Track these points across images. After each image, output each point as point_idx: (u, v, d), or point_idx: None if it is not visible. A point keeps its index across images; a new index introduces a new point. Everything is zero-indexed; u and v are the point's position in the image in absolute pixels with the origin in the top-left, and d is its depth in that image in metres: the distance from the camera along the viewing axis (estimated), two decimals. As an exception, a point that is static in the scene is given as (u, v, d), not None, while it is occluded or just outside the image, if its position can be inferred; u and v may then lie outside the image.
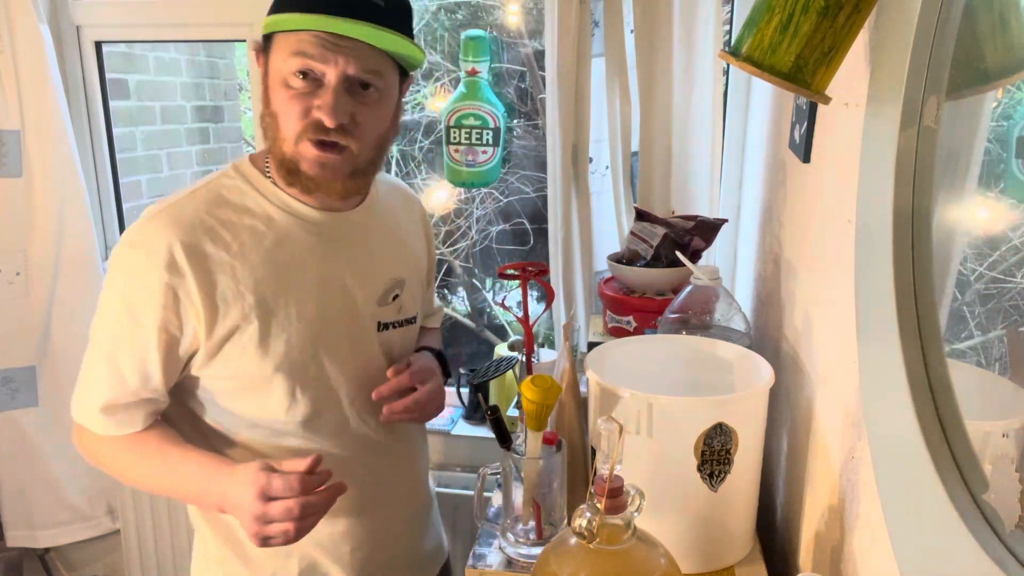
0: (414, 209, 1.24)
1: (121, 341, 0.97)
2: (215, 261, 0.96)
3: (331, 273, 1.04)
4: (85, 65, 2.10)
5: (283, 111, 0.94)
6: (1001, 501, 0.48)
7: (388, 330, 1.12)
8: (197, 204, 0.98)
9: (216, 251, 0.96)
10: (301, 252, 1.02)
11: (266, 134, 0.99)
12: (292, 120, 0.94)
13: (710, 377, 1.10)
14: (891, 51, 0.63)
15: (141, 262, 0.94)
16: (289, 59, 0.92)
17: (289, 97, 0.93)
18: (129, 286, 0.96)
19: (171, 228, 0.95)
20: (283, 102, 0.94)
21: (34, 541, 2.14)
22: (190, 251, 0.94)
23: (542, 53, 1.74)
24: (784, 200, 1.27)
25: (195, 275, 0.94)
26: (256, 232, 0.99)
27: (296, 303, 1.01)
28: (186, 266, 0.94)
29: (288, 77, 0.93)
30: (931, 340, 0.58)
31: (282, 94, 0.94)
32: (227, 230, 0.98)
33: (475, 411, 2.11)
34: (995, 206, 0.56)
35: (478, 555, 1.05)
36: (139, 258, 0.95)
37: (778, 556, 1.14)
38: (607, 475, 0.75)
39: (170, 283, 0.94)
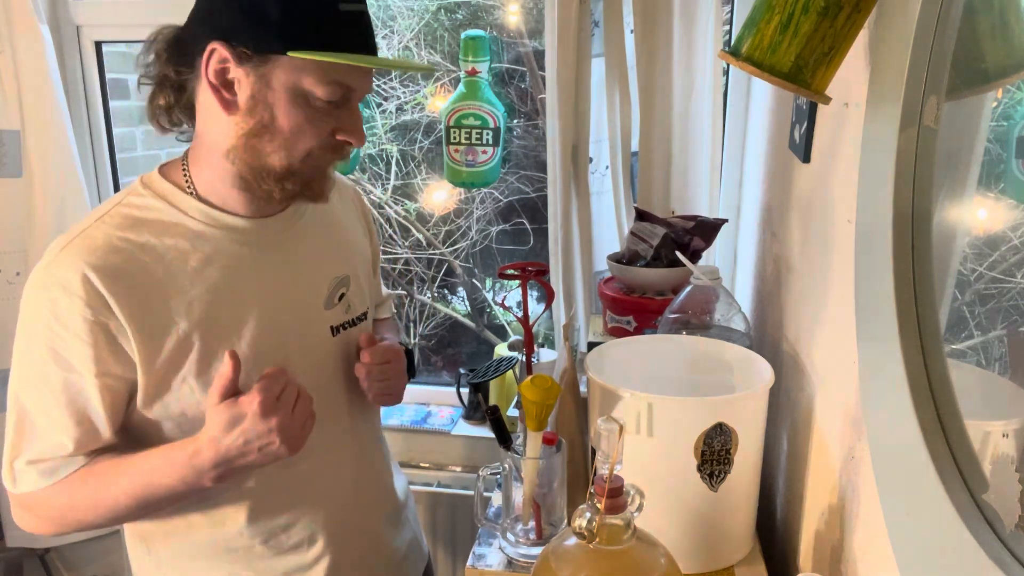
0: (347, 197, 1.15)
1: (55, 394, 0.87)
2: (140, 288, 0.87)
3: (271, 283, 0.97)
4: (85, 65, 2.10)
5: (298, 129, 0.88)
6: (1001, 501, 0.48)
7: (341, 333, 1.05)
8: (108, 229, 0.89)
9: (139, 277, 0.87)
10: (235, 266, 0.94)
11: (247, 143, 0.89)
12: (308, 137, 0.89)
13: (710, 377, 1.10)
14: (891, 51, 0.63)
15: (59, 303, 0.85)
16: (321, 84, 0.87)
17: (310, 117, 0.88)
18: (52, 332, 0.85)
19: (83, 259, 0.85)
20: (299, 122, 0.88)
21: (34, 541, 2.14)
22: (112, 281, 0.85)
23: (542, 53, 1.74)
24: (784, 200, 1.27)
25: (121, 306, 0.85)
26: (180, 251, 0.91)
27: (238, 322, 0.93)
28: (109, 297, 0.85)
29: (312, 97, 0.88)
30: (931, 340, 0.58)
31: (300, 112, 0.87)
32: (147, 253, 0.89)
33: (475, 411, 2.11)
34: (995, 206, 0.56)
35: (478, 555, 1.05)
36: (55, 299, 0.85)
37: (778, 556, 1.14)
38: (607, 475, 0.75)
39: (96, 319, 0.85)
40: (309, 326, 1.01)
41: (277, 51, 0.84)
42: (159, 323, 0.88)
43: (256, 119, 0.88)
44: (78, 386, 0.87)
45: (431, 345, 2.75)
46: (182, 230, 0.92)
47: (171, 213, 0.93)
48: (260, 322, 0.95)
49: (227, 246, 0.94)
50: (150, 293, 0.88)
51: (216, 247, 0.93)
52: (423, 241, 2.60)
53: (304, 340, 1.00)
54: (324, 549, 1.05)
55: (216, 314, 0.91)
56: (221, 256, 0.93)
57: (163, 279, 0.89)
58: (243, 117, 0.88)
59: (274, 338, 0.96)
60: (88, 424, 0.89)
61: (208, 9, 0.88)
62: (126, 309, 0.86)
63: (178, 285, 0.90)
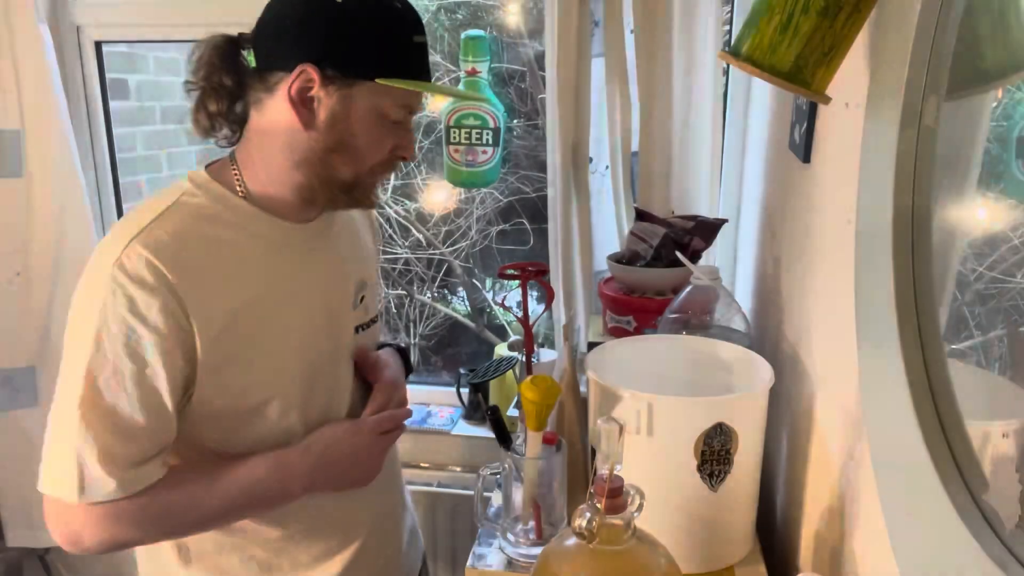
0: None
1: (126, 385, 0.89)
2: (203, 283, 0.91)
3: (309, 284, 1.02)
4: (85, 65, 2.10)
5: (371, 146, 0.96)
6: (1001, 501, 0.48)
7: (359, 333, 1.11)
8: (174, 226, 0.93)
9: (202, 273, 0.92)
10: (279, 266, 1.00)
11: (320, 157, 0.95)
12: (377, 153, 0.97)
13: (710, 377, 1.10)
14: (891, 51, 0.63)
15: (135, 297, 0.88)
16: (396, 107, 0.95)
17: (382, 135, 0.97)
18: (127, 326, 0.88)
19: (156, 255, 0.89)
20: (373, 136, 0.96)
21: (34, 541, 2.14)
22: (180, 276, 0.89)
23: (542, 53, 1.74)
24: (784, 200, 1.27)
25: (189, 300, 0.90)
26: (234, 250, 0.96)
27: (282, 318, 0.99)
28: (180, 291, 0.89)
29: (386, 117, 0.96)
30: (931, 340, 0.58)
31: (373, 129, 0.95)
32: (206, 250, 0.94)
33: (475, 411, 2.11)
34: (995, 206, 0.56)
35: (478, 555, 1.05)
36: (130, 293, 0.88)
37: (778, 556, 1.14)
38: (607, 475, 0.75)
39: (170, 309, 0.89)
40: (340, 325, 1.07)
41: (365, 77, 0.92)
42: (217, 317, 0.92)
43: (335, 136, 0.94)
44: (151, 379, 0.90)
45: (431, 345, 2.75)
46: (234, 230, 0.97)
47: (224, 214, 0.97)
48: (300, 320, 1.01)
49: (273, 247, 0.99)
50: (210, 289, 0.92)
51: (264, 248, 0.99)
52: (423, 241, 2.60)
53: (335, 339, 1.06)
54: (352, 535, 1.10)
55: (263, 311, 0.97)
56: (268, 256, 0.99)
57: (220, 276, 0.94)
58: (321, 134, 0.94)
59: (312, 335, 1.02)
60: (159, 418, 0.91)
61: (298, 34, 0.93)
62: (193, 304, 0.90)
63: (232, 282, 0.95)
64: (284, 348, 0.99)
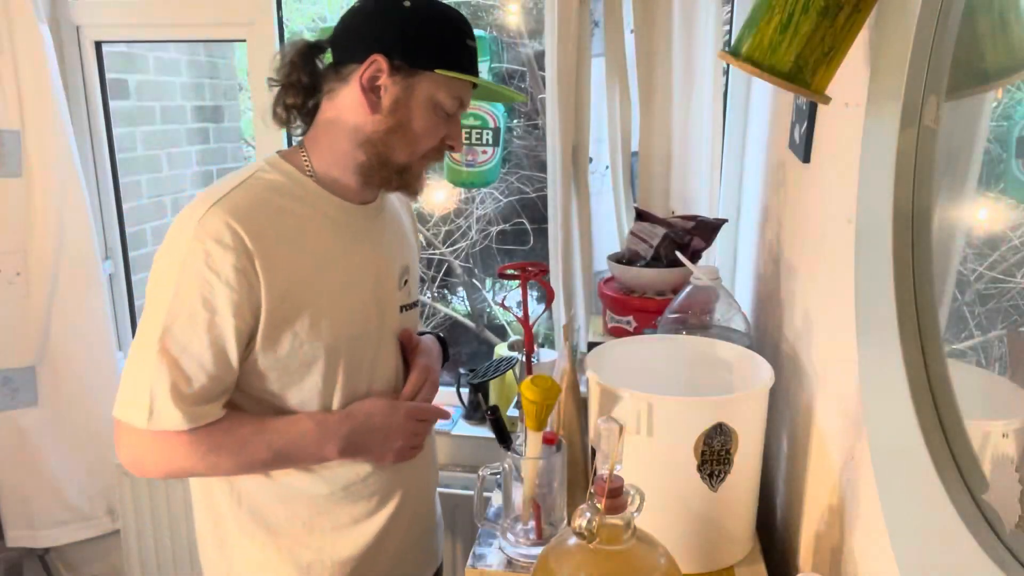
0: (405, 201, 1.34)
1: (198, 331, 1.00)
2: (273, 247, 1.02)
3: (364, 259, 1.14)
4: (85, 65, 2.10)
5: (426, 132, 1.08)
6: (1001, 501, 0.48)
7: (403, 312, 1.21)
8: (251, 195, 1.04)
9: (273, 238, 1.03)
10: (339, 240, 1.11)
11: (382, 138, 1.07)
12: (430, 139, 1.09)
13: (710, 377, 1.10)
14: (891, 51, 0.63)
15: (212, 253, 0.99)
16: (450, 98, 1.08)
17: (436, 123, 1.09)
18: (203, 279, 0.99)
19: (234, 218, 1.00)
20: (427, 123, 1.08)
21: (34, 541, 2.14)
22: (254, 238, 1.01)
23: (542, 53, 1.74)
24: (784, 200, 1.27)
25: (262, 259, 1.01)
26: (301, 222, 1.07)
27: (339, 287, 1.09)
28: (253, 252, 1.00)
29: (440, 108, 1.08)
30: (931, 340, 0.58)
31: (430, 119, 1.08)
32: (279, 220, 1.05)
33: (475, 411, 2.11)
34: (995, 206, 0.56)
35: (478, 555, 1.05)
36: (209, 250, 0.99)
37: (778, 556, 1.14)
38: (607, 475, 0.75)
39: (242, 267, 1.00)
40: (387, 301, 1.17)
41: (427, 68, 1.05)
42: (281, 280, 1.03)
43: (396, 119, 1.06)
44: (220, 328, 1.00)
45: (431, 345, 2.75)
46: (301, 204, 1.08)
47: (294, 189, 1.09)
48: (352, 291, 1.11)
49: (333, 223, 1.11)
50: (279, 252, 1.03)
51: (325, 222, 1.10)
52: (423, 241, 2.60)
53: (381, 314, 1.16)
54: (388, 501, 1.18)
55: (323, 278, 1.08)
56: (330, 230, 1.10)
57: (289, 242, 1.05)
58: (385, 117, 1.06)
59: (364, 306, 1.13)
60: (224, 363, 1.02)
61: (370, 30, 1.07)
62: (263, 263, 1.01)
63: (299, 249, 1.06)
64: (336, 316, 1.08)
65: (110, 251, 2.24)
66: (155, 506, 2.13)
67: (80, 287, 2.03)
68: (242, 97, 3.11)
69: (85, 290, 2.03)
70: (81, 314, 2.04)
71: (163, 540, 2.15)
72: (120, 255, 2.26)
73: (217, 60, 2.95)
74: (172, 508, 2.12)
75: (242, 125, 3.12)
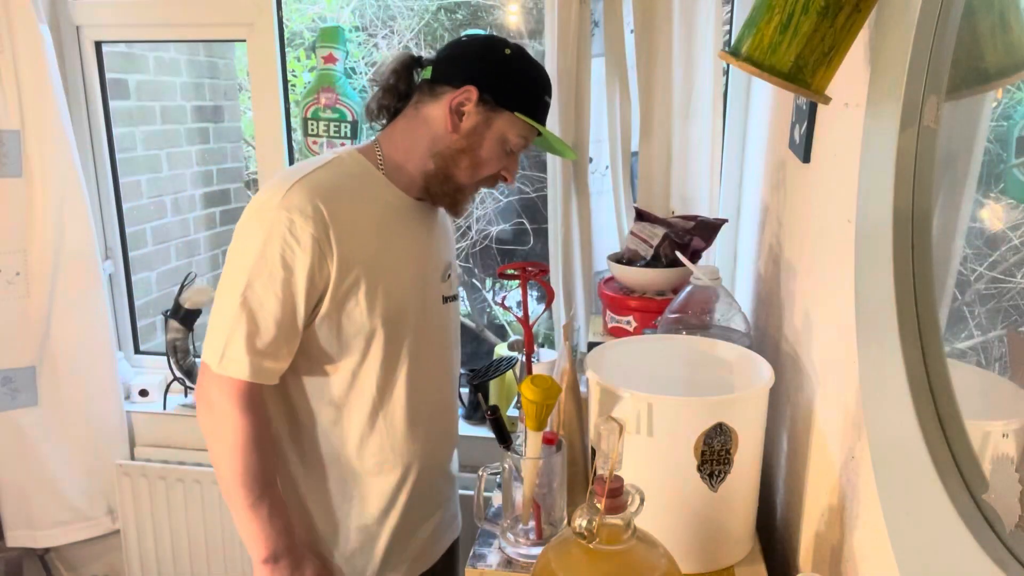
0: None
1: (275, 289, 1.11)
2: (346, 224, 1.14)
3: (416, 249, 1.26)
4: (85, 65, 2.10)
5: (490, 159, 1.22)
6: (1001, 501, 0.48)
7: (447, 304, 1.32)
8: (330, 177, 1.17)
9: (346, 217, 1.15)
10: (399, 229, 1.23)
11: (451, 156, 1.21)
12: (491, 167, 1.24)
13: (710, 377, 1.10)
14: (891, 51, 0.63)
15: (295, 221, 1.11)
16: (518, 137, 1.22)
17: (500, 155, 1.23)
18: (285, 243, 1.11)
19: (316, 194, 1.13)
20: (491, 154, 1.22)
21: (34, 541, 2.14)
22: (332, 213, 1.13)
23: (542, 53, 1.74)
24: (784, 200, 1.27)
25: (335, 233, 1.13)
26: (370, 207, 1.20)
27: (396, 270, 1.21)
28: (330, 225, 1.12)
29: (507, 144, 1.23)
30: (931, 340, 0.58)
31: (495, 149, 1.22)
32: (351, 201, 1.17)
33: (475, 411, 2.11)
34: (995, 206, 0.56)
35: (478, 555, 1.05)
36: (293, 219, 1.11)
37: (778, 556, 1.14)
38: (607, 475, 0.75)
39: (317, 237, 1.11)
40: (434, 290, 1.29)
41: (508, 108, 1.20)
42: (350, 253, 1.15)
43: (469, 143, 1.20)
44: (294, 288, 1.12)
45: (431, 345, 2.75)
46: (371, 191, 1.22)
47: (366, 180, 1.22)
48: (408, 275, 1.23)
49: (396, 211, 1.23)
50: (350, 230, 1.15)
51: (389, 209, 1.23)
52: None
53: (429, 300, 1.28)
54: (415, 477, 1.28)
55: (383, 259, 1.19)
56: (391, 218, 1.23)
57: (358, 222, 1.17)
58: (461, 138, 1.20)
59: (414, 291, 1.24)
60: (292, 321, 1.13)
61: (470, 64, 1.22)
62: (337, 237, 1.13)
63: (365, 229, 1.18)
64: (388, 295, 1.19)
65: (110, 251, 2.24)
66: (155, 506, 2.13)
67: (80, 287, 2.03)
68: (242, 97, 3.11)
69: (85, 290, 2.03)
70: (81, 314, 2.04)
71: (163, 540, 2.15)
72: (120, 255, 2.26)
73: (217, 60, 2.95)
74: (172, 508, 2.12)
75: (242, 125, 3.12)
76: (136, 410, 2.19)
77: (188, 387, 2.15)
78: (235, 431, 1.13)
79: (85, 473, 2.14)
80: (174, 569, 2.17)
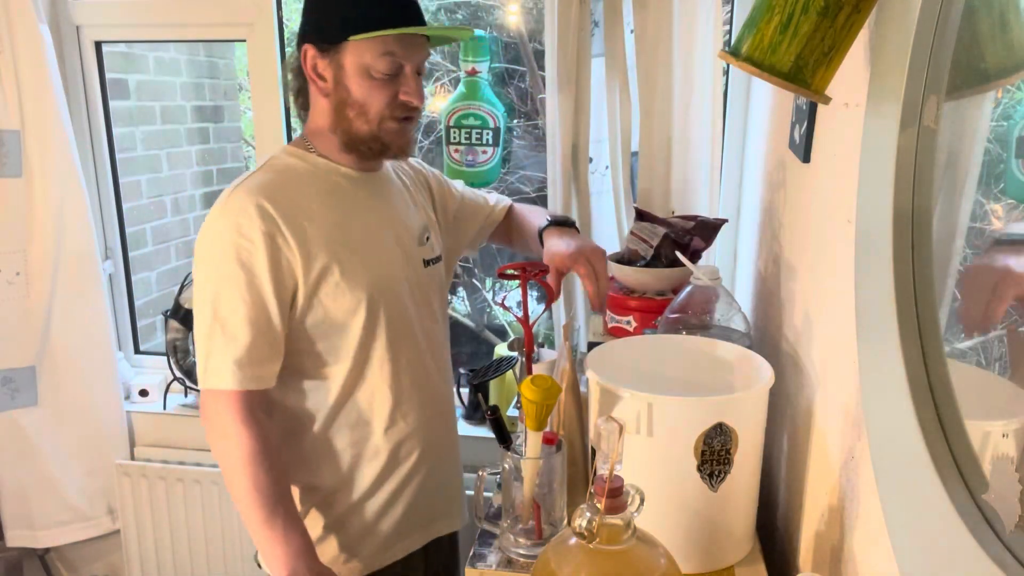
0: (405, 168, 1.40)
1: (242, 295, 1.11)
2: (296, 214, 1.13)
3: (381, 218, 1.24)
4: (85, 65, 2.10)
5: (369, 97, 1.15)
6: (1001, 501, 0.48)
7: (430, 267, 1.30)
8: (266, 175, 1.17)
9: (292, 206, 1.14)
10: (355, 203, 1.21)
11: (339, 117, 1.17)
12: (379, 103, 1.15)
13: (710, 377, 1.10)
14: (891, 51, 0.63)
15: (241, 223, 1.10)
16: (377, 58, 1.13)
17: (376, 86, 1.14)
18: (238, 246, 1.10)
19: (253, 194, 1.12)
20: (368, 90, 1.15)
21: (34, 541, 2.14)
22: (276, 206, 1.12)
23: (542, 53, 1.74)
24: (784, 200, 1.27)
25: (286, 224, 1.12)
26: (318, 190, 1.19)
27: (365, 244, 1.19)
28: (277, 217, 1.11)
29: (373, 71, 1.14)
30: (931, 340, 0.58)
31: (367, 84, 1.14)
32: (295, 191, 1.17)
33: (475, 411, 2.11)
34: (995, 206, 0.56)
35: (478, 555, 1.05)
36: (237, 221, 1.11)
37: (778, 556, 1.14)
38: (607, 475, 0.75)
39: (268, 232, 1.11)
40: (411, 255, 1.27)
41: (341, 39, 1.12)
42: (314, 239, 1.14)
43: (339, 97, 1.16)
44: (259, 287, 1.11)
45: (431, 345, 2.75)
46: (315, 176, 1.20)
47: (305, 166, 1.21)
48: (378, 245, 1.22)
49: (346, 188, 1.22)
50: (302, 216, 1.14)
51: (339, 188, 1.21)
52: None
53: (409, 265, 1.26)
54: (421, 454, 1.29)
55: (347, 236, 1.18)
56: (344, 195, 1.21)
57: (308, 207, 1.16)
58: (330, 98, 1.17)
59: (389, 258, 1.23)
60: (266, 320, 1.12)
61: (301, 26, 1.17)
62: (290, 228, 1.12)
63: (318, 212, 1.17)
64: (366, 261, 1.18)
65: (110, 251, 2.23)
66: (155, 506, 2.13)
67: (80, 287, 2.03)
68: (242, 97, 3.11)
69: (85, 290, 2.03)
70: (81, 314, 2.04)
71: (163, 540, 2.15)
72: (120, 255, 2.26)
73: (217, 60, 2.95)
74: (172, 508, 2.12)
75: (242, 125, 3.12)
76: (136, 410, 2.19)
77: (188, 387, 2.15)
78: (238, 445, 1.11)
79: (85, 473, 2.14)
80: (174, 569, 2.17)
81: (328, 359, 1.20)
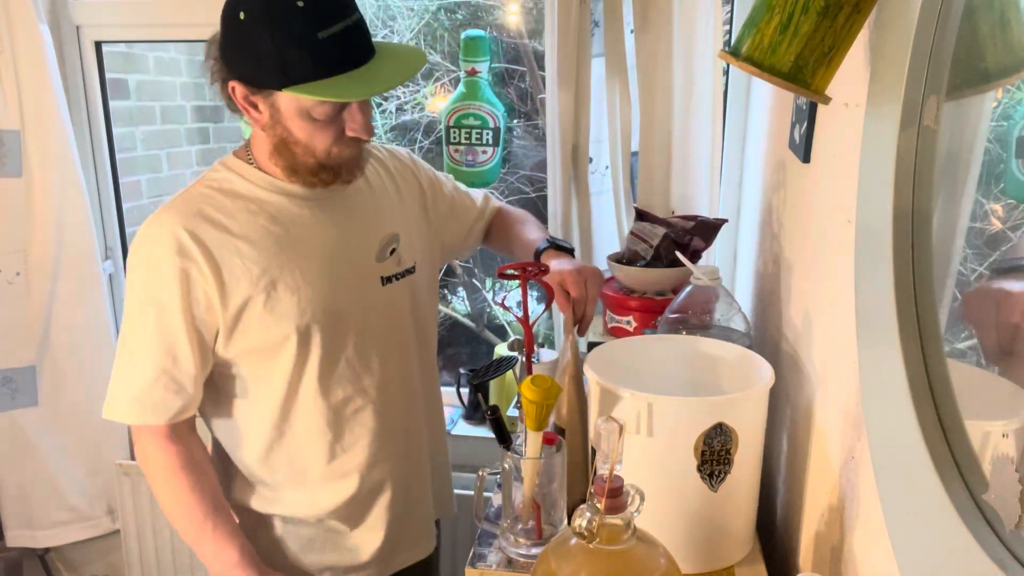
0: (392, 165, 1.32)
1: (151, 329, 1.08)
2: (218, 243, 1.07)
3: (327, 238, 1.15)
4: (85, 65, 2.10)
5: (311, 138, 1.06)
6: (1001, 501, 0.48)
7: (392, 283, 1.22)
8: (193, 198, 1.11)
9: (217, 234, 1.08)
10: (296, 224, 1.13)
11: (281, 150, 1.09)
12: (325, 143, 1.07)
13: (710, 377, 1.10)
14: (891, 51, 0.63)
15: (154, 254, 1.06)
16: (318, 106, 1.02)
17: (317, 128, 1.05)
18: (148, 278, 1.07)
19: (174, 220, 1.07)
20: (311, 132, 1.05)
21: (34, 541, 2.14)
22: (194, 237, 1.06)
23: (542, 53, 1.74)
24: (784, 200, 1.27)
25: (203, 256, 1.06)
26: (251, 212, 1.11)
27: (300, 269, 1.11)
28: (194, 250, 1.06)
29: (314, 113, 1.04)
30: (931, 340, 0.58)
31: (307, 126, 1.05)
32: (224, 215, 1.10)
33: (475, 411, 2.11)
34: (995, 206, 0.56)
35: (478, 555, 1.05)
36: (151, 251, 1.07)
37: (778, 556, 1.14)
38: (607, 475, 0.75)
39: (182, 267, 1.06)
40: (361, 275, 1.18)
41: (275, 87, 1.01)
42: (235, 270, 1.08)
43: (278, 135, 1.07)
44: (166, 322, 1.07)
45: (431, 345, 2.74)
46: (252, 196, 1.12)
47: (242, 184, 1.13)
48: (319, 269, 1.13)
49: (288, 207, 1.13)
50: (226, 246, 1.08)
51: (279, 208, 1.13)
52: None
53: (358, 287, 1.18)
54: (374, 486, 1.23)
55: (282, 261, 1.10)
56: (284, 215, 1.13)
57: (237, 234, 1.09)
58: (269, 133, 1.08)
59: (331, 282, 1.14)
60: (173, 356, 1.08)
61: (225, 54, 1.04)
62: (207, 259, 1.06)
63: (250, 239, 1.09)
64: (298, 297, 1.11)
65: (110, 251, 2.23)
66: (155, 506, 2.12)
67: (80, 287, 2.03)
68: (242, 97, 3.11)
69: (85, 290, 2.03)
70: (81, 314, 2.04)
71: (163, 540, 2.15)
72: (120, 255, 2.26)
73: (217, 60, 2.95)
74: (172, 508, 2.12)
75: (242, 125, 3.12)
76: (136, 410, 2.19)
77: (188, 387, 2.15)
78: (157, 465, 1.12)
79: (85, 473, 2.14)
80: (174, 569, 2.17)
81: (260, 386, 1.15)
